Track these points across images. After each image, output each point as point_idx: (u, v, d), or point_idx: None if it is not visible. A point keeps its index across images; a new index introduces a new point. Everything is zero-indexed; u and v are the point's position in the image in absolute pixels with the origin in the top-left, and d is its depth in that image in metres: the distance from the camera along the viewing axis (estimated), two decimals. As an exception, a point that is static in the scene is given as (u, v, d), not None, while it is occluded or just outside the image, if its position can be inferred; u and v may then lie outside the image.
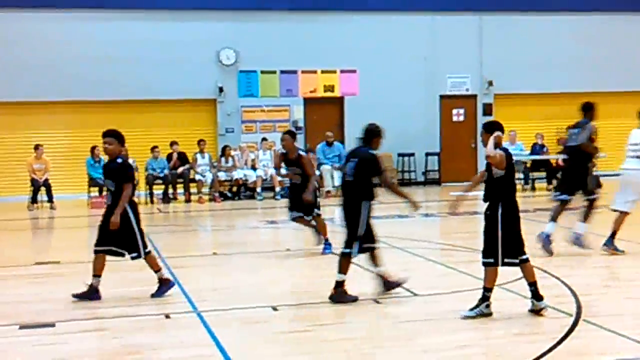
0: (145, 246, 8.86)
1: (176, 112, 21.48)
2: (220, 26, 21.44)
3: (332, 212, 14.65)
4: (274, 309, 8.28)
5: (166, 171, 19.58)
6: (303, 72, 22.17)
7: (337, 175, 20.51)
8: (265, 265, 11.08)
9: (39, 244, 14.77)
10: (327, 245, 11.56)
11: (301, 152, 11.75)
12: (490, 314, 7.59)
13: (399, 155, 22.75)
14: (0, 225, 16.50)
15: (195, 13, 21.33)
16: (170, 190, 19.78)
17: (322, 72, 22.33)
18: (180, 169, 19.67)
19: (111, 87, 20.65)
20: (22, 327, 7.76)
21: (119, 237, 8.71)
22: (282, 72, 22.02)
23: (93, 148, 19.21)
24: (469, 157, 23.21)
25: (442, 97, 23.28)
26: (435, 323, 7.54)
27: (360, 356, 6.66)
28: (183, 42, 21.08)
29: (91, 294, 8.78)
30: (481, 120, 23.58)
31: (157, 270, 9.01)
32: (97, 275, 8.84)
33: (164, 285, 8.99)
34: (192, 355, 6.74)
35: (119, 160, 8.80)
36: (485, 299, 7.58)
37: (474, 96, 23.54)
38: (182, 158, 19.87)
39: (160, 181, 19.64)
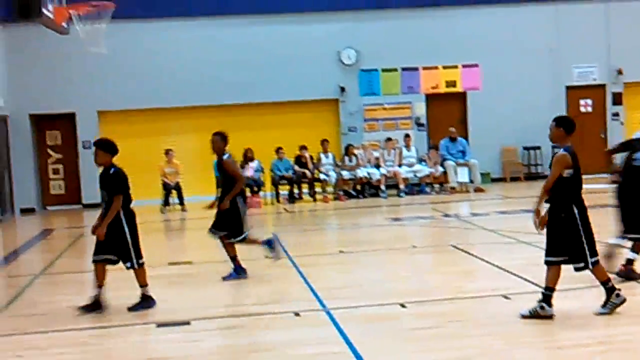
0: (139, 257, 8.78)
1: (300, 113, 21.78)
2: (340, 27, 21.60)
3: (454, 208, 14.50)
4: (402, 305, 8.28)
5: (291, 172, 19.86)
6: (424, 68, 22.05)
7: (461, 171, 20.30)
8: (392, 262, 11.10)
9: (171, 245, 15.27)
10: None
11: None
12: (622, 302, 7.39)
13: (525, 148, 22.31)
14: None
15: (315, 15, 21.56)
16: (296, 190, 20.06)
17: (444, 67, 22.14)
18: (304, 170, 19.89)
19: (236, 91, 21.11)
20: (159, 325, 8.06)
21: (112, 246, 8.66)
22: (404, 69, 21.97)
23: (220, 151, 19.70)
24: (598, 148, 22.47)
25: (568, 88, 22.67)
26: (568, 319, 7.37)
27: (493, 353, 6.59)
28: (304, 44, 21.34)
29: (96, 306, 8.71)
30: (610, 110, 22.86)
31: (143, 285, 8.85)
32: (100, 285, 8.74)
33: (145, 302, 8.82)
34: (322, 352, 6.83)
35: (112, 171, 8.72)
36: (611, 290, 7.38)
37: (602, 86, 22.81)
38: (301, 162, 20.00)
39: (285, 181, 19.95)
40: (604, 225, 9.56)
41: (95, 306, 8.71)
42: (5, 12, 19.51)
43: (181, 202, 19.25)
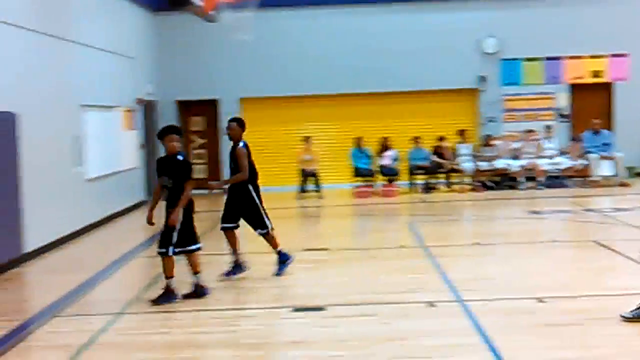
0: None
1: (438, 103, 21.59)
2: (482, 15, 21.24)
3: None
4: (540, 300, 8.13)
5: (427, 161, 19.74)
6: (569, 57, 21.40)
7: (604, 164, 19.63)
8: (530, 256, 10.88)
9: (308, 231, 15.50)
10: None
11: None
12: None
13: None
14: (271, 214, 17.46)
15: (457, 3, 21.29)
16: (432, 180, 19.94)
17: (590, 57, 21.42)
18: (441, 160, 19.73)
19: (375, 79, 21.14)
20: (295, 309, 8.23)
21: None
22: (547, 58, 21.39)
23: (357, 139, 19.81)
24: None
25: None
26: None
27: (633, 353, 6.38)
28: (445, 33, 21.12)
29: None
30: None
31: (195, 272, 8.89)
32: (169, 277, 8.76)
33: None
34: (456, 343, 6.80)
35: (180, 157, 8.67)
36: None
37: None
38: (439, 153, 19.83)
39: (422, 171, 19.87)
40: None
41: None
42: (156, 1, 20.27)
43: (318, 190, 19.50)
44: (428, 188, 19.67)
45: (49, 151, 12.74)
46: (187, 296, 8.86)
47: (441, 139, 20.00)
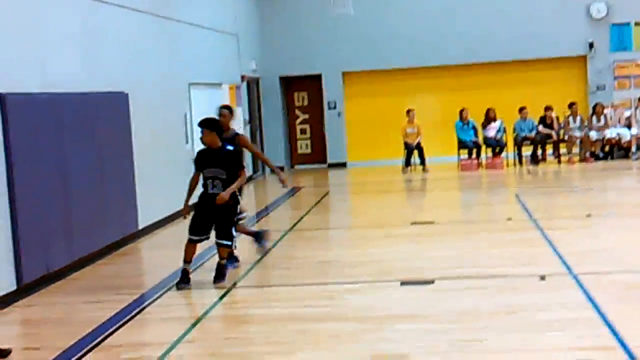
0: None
1: (544, 71, 21.05)
2: (590, -21, 20.56)
3: None
4: (656, 274, 7.89)
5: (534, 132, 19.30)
6: (684, 20, 20.50)
7: None
8: (644, 228, 10.55)
9: (413, 205, 15.44)
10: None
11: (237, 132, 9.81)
12: None
13: None
14: (376, 188, 17.53)
15: (563, -33, 20.68)
16: (539, 151, 19.50)
17: None
18: (549, 130, 19.25)
19: (480, 49, 20.76)
20: (403, 283, 8.22)
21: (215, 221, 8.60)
22: (660, 22, 20.56)
23: (461, 111, 19.56)
24: None
25: None
26: None
27: None
28: (549, -1, 20.58)
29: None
30: None
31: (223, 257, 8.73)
32: (188, 261, 8.68)
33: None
34: (570, 317, 6.66)
35: (230, 147, 8.67)
36: None
37: None
38: (546, 123, 19.35)
39: (528, 142, 19.45)
40: None
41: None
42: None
43: (422, 163, 19.37)
44: (535, 159, 19.25)
45: (159, 129, 13.06)
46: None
47: (548, 108, 19.51)
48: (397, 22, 21.03)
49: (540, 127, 19.31)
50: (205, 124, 8.63)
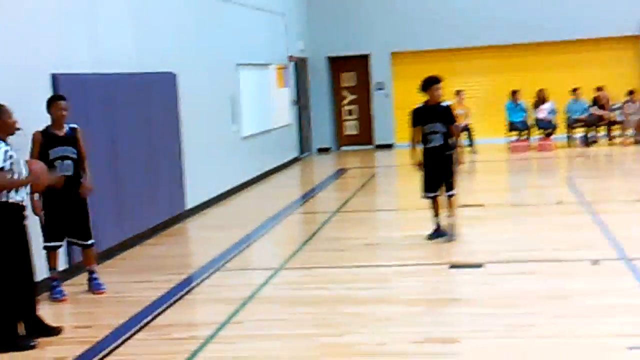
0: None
1: (597, 52, 20.64)
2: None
3: None
4: None
5: (586, 114, 18.95)
6: None
7: None
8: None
9: (462, 187, 15.18)
10: None
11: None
12: None
13: None
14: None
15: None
16: (591, 133, 19.16)
17: None
18: (602, 112, 18.90)
19: (528, 30, 20.40)
20: (452, 266, 8.14)
21: (448, 178, 9.30)
22: None
23: (514, 92, 19.28)
24: None
25: None
26: None
27: None
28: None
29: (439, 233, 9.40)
30: None
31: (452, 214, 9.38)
32: (436, 215, 9.44)
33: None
34: (622, 303, 6.54)
35: (445, 104, 9.31)
36: None
37: None
38: (598, 104, 18.99)
39: (580, 124, 19.11)
40: None
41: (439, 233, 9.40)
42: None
43: (471, 144, 19.16)
44: (587, 141, 18.92)
45: (206, 110, 13.09)
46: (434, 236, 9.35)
47: (599, 89, 19.13)
48: (446, 1, 20.78)
49: (594, 109, 18.95)
50: (431, 81, 9.18)
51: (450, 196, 9.35)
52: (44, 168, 6.69)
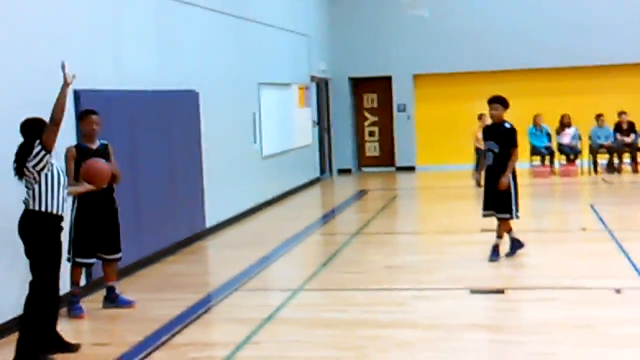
0: (517, 209, 9.29)
1: (622, 77, 20.49)
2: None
3: None
4: None
5: (611, 140, 18.78)
6: None
7: None
8: None
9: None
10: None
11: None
12: None
13: None
14: (446, 193, 17.28)
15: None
16: (616, 160, 18.98)
17: None
18: (628, 139, 18.71)
19: (552, 54, 20.31)
20: (472, 291, 8.04)
21: (499, 200, 9.24)
22: None
23: (535, 117, 19.17)
24: None
25: None
26: None
27: None
28: (621, 3, 19.99)
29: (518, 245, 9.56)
30: None
31: (509, 230, 9.46)
32: (499, 236, 9.45)
33: (516, 243, 9.49)
34: (648, 333, 6.42)
35: (507, 125, 9.37)
36: None
37: None
38: (630, 128, 18.84)
39: (604, 150, 18.94)
40: None
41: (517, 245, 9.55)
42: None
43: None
44: (611, 168, 18.74)
45: (227, 129, 13.09)
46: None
47: (622, 113, 18.95)
48: (470, 24, 20.72)
49: (619, 136, 18.77)
50: (493, 100, 9.65)
51: (498, 218, 9.44)
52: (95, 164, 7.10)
